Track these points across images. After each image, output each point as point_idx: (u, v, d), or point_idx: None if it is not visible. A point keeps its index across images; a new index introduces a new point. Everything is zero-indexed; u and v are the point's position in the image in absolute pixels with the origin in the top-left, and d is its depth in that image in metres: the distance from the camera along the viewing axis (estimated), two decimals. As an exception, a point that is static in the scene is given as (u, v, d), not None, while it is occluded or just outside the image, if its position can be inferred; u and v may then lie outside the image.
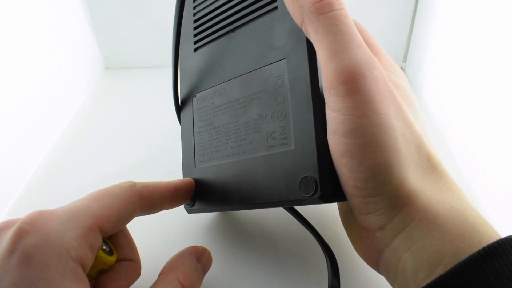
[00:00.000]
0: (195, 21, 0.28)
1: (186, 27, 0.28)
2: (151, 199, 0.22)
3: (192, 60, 0.28)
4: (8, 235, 0.16)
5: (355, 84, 0.17)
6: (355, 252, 0.22)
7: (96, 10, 0.51)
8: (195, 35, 0.28)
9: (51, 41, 0.42)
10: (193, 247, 0.23)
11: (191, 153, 0.27)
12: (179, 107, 0.29)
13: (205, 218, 0.31)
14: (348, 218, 0.22)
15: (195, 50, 0.28)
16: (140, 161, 0.38)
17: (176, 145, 0.31)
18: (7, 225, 0.17)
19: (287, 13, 0.21)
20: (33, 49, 0.39)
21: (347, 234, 0.22)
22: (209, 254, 0.24)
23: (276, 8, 0.22)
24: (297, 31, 0.21)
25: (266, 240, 0.28)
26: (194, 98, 0.27)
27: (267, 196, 0.21)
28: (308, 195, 0.19)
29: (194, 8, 0.28)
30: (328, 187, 0.19)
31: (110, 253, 0.21)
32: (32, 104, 0.38)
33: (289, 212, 0.27)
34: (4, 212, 0.33)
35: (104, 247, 0.20)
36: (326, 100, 0.19)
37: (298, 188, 0.20)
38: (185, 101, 0.28)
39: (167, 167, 0.36)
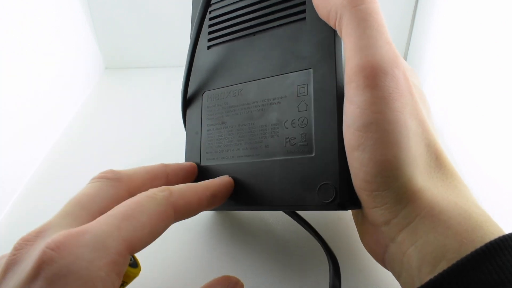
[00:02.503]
0: (210, 19, 0.27)
1: None
2: (186, 211, 0.20)
3: (205, 57, 0.27)
4: (32, 258, 0.15)
5: (375, 80, 0.17)
6: (357, 254, 0.22)
7: (96, 10, 0.51)
8: (210, 33, 0.27)
9: (51, 41, 0.42)
10: (225, 278, 0.22)
11: (196, 150, 0.27)
12: (186, 102, 0.28)
13: (206, 219, 0.31)
14: (356, 213, 0.22)
15: (209, 47, 0.27)
16: (140, 161, 0.38)
17: (177, 145, 0.31)
18: (30, 239, 0.17)
19: (315, 25, 0.22)
20: (33, 49, 0.39)
21: (357, 228, 0.22)
22: (242, 286, 0.22)
23: (304, 19, 0.23)
24: (325, 44, 0.22)
25: (267, 240, 0.28)
26: (203, 95, 0.27)
27: (282, 199, 0.22)
28: (327, 201, 0.20)
29: (212, 5, 0.28)
30: (346, 195, 0.20)
31: (134, 265, 0.20)
32: (32, 104, 0.38)
33: (290, 215, 0.27)
34: (4, 212, 0.33)
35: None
36: (345, 93, 0.19)
37: (316, 194, 0.20)
38: (193, 97, 0.28)
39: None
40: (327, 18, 0.20)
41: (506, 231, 0.16)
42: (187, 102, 0.28)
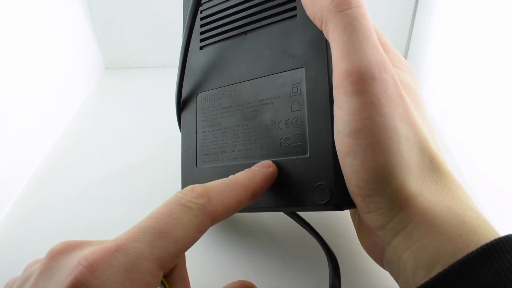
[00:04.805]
0: (202, 19, 0.27)
1: None
2: (224, 216, 0.18)
3: (198, 58, 0.27)
4: (66, 272, 0.15)
5: (363, 85, 0.17)
6: (356, 253, 0.22)
7: (96, 10, 0.51)
8: (202, 33, 0.27)
9: (52, 42, 0.42)
10: (241, 283, 0.22)
11: (192, 152, 0.27)
12: (180, 105, 0.28)
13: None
14: (354, 215, 0.22)
15: (201, 48, 0.27)
16: (140, 161, 0.38)
17: (177, 145, 0.31)
18: (66, 248, 0.16)
19: (306, 23, 0.21)
20: (34, 49, 0.39)
21: (355, 230, 0.22)
22: None
23: (295, 16, 0.22)
24: (317, 41, 0.21)
25: (266, 240, 0.28)
26: (197, 97, 0.27)
27: (278, 200, 0.22)
28: (323, 202, 0.20)
29: (202, 4, 0.27)
30: (342, 195, 0.19)
31: None
32: (32, 104, 0.38)
33: (289, 214, 0.27)
34: (4, 212, 0.33)
35: None
36: (334, 99, 0.19)
37: (312, 195, 0.20)
38: (187, 99, 0.28)
39: (168, 167, 0.36)
40: (313, 20, 0.20)
41: (506, 230, 0.16)
42: (182, 104, 0.28)
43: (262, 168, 0.21)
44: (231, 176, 0.20)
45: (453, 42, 0.38)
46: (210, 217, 0.17)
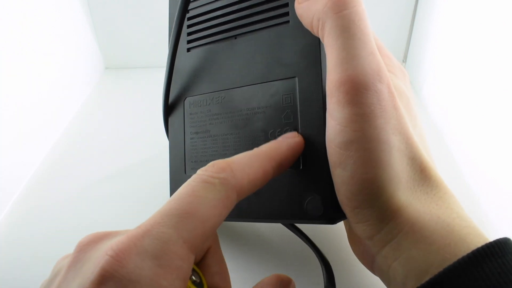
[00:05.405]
0: (189, 19, 0.26)
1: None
2: (250, 189, 0.17)
3: (185, 60, 0.26)
4: (94, 264, 0.14)
5: (356, 96, 0.17)
6: (350, 258, 0.21)
7: (96, 10, 0.51)
8: (189, 34, 0.26)
9: (52, 42, 0.42)
10: (276, 276, 0.20)
11: (180, 159, 0.26)
12: (167, 108, 0.27)
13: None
14: (347, 222, 0.22)
15: (188, 50, 0.26)
16: (140, 161, 0.38)
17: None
18: (94, 239, 0.16)
19: (299, 29, 0.21)
20: (34, 49, 0.39)
21: (347, 237, 0.22)
22: (294, 285, 0.21)
23: (287, 22, 0.22)
24: (310, 50, 0.20)
25: (260, 248, 0.28)
26: (185, 101, 0.26)
27: (270, 212, 0.21)
28: (315, 215, 0.19)
29: (190, 3, 0.26)
30: (335, 209, 0.19)
31: (200, 285, 0.17)
32: (32, 104, 0.38)
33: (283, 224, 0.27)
34: (4, 212, 0.33)
35: (193, 278, 0.17)
36: (327, 107, 0.18)
37: (305, 208, 0.20)
38: (174, 103, 0.27)
39: (168, 167, 0.36)
40: (310, 27, 0.19)
41: (505, 231, 0.16)
42: (170, 107, 0.27)
43: (287, 139, 0.20)
44: (254, 149, 0.19)
45: (453, 42, 0.38)
46: (235, 191, 0.16)
